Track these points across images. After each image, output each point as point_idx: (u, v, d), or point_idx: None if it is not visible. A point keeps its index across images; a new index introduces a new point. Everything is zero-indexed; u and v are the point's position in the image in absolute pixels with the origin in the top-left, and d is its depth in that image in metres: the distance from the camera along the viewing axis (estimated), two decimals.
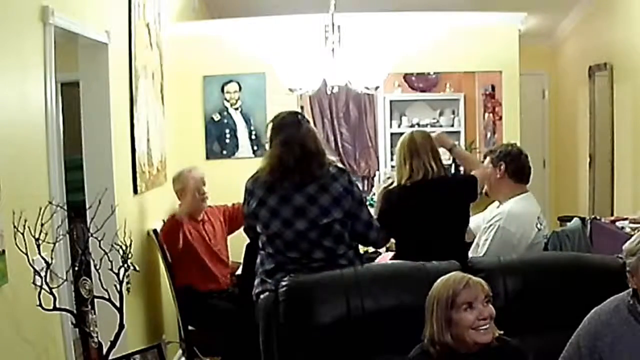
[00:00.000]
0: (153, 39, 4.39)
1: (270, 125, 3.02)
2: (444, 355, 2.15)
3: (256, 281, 2.95)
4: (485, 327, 2.13)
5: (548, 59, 7.65)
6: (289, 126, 2.92)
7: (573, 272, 2.69)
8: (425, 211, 3.25)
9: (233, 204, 4.45)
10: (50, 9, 2.75)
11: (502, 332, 2.20)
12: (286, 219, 2.85)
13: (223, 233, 4.38)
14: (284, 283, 2.60)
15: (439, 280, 2.24)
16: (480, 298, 2.14)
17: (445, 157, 3.87)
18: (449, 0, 5.80)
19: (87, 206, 3.08)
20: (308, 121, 3.05)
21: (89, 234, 2.79)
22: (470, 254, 3.39)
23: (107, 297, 2.75)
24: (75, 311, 2.77)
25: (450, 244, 3.20)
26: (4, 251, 2.32)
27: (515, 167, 3.53)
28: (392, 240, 3.53)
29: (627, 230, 4.24)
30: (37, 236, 2.42)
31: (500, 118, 5.96)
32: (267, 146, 3.04)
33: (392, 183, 3.42)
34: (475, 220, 3.63)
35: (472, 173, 3.49)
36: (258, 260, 2.98)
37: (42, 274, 2.44)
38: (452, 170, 5.35)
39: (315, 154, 2.91)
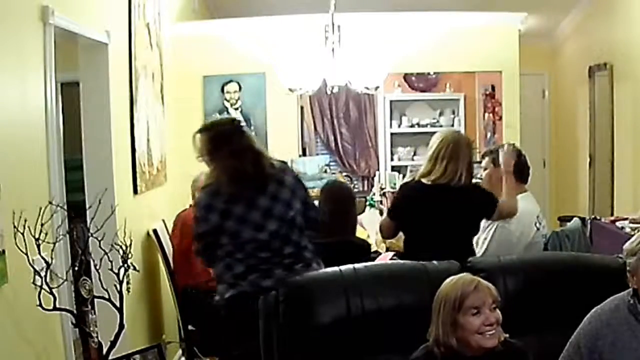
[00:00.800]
0: (153, 39, 4.39)
1: (205, 136, 2.91)
2: (449, 357, 2.14)
3: (222, 286, 2.88)
4: (491, 332, 2.12)
5: (548, 59, 7.65)
6: (233, 134, 2.89)
7: (573, 272, 2.69)
8: (439, 214, 3.22)
9: None
10: (50, 9, 2.75)
11: (507, 335, 2.19)
12: (257, 224, 2.84)
13: None
14: (284, 283, 2.60)
15: (447, 280, 2.22)
16: (487, 303, 2.12)
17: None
18: (449, 0, 5.81)
19: (87, 206, 3.09)
20: (243, 124, 3.04)
21: (89, 234, 2.79)
22: None
23: (107, 297, 2.76)
24: (75, 311, 2.77)
25: (458, 247, 3.17)
26: (4, 251, 2.32)
27: (516, 166, 3.52)
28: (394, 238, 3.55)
29: (627, 230, 4.24)
30: (37, 236, 2.42)
31: (500, 118, 5.97)
32: (204, 158, 2.91)
33: (413, 179, 3.40)
34: None
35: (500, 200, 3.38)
36: (220, 268, 2.89)
37: (42, 274, 2.44)
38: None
39: (263, 155, 2.93)
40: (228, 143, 2.85)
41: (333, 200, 3.65)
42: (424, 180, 3.27)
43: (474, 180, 3.47)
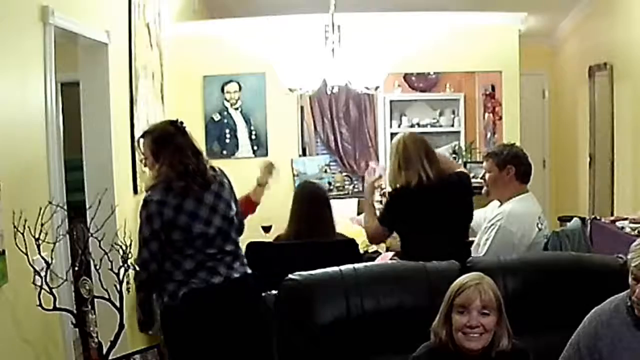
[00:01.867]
0: (153, 39, 4.39)
1: (148, 138, 2.99)
2: (443, 349, 2.16)
3: (172, 285, 2.86)
4: (473, 334, 2.12)
5: (548, 59, 7.65)
6: (176, 134, 2.96)
7: (573, 272, 2.69)
8: (429, 214, 3.26)
9: None
10: (50, 9, 2.76)
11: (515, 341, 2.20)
12: (206, 219, 2.90)
13: None
14: (283, 283, 2.60)
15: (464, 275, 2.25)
16: (475, 305, 2.12)
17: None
18: (449, 0, 5.81)
19: (87, 206, 3.09)
20: (185, 125, 3.09)
21: (89, 234, 2.79)
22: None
23: (107, 297, 2.76)
24: (75, 311, 2.77)
25: (453, 244, 3.20)
26: (4, 251, 2.32)
27: (523, 169, 3.52)
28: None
29: (627, 230, 4.23)
30: (37, 236, 2.42)
31: (500, 118, 5.97)
32: (148, 160, 2.99)
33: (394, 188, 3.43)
34: (476, 219, 3.62)
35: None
36: (168, 266, 2.87)
37: (42, 274, 2.45)
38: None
39: (203, 155, 3.02)
40: (172, 141, 2.92)
41: (307, 200, 3.75)
42: (406, 186, 3.30)
43: (474, 181, 3.49)
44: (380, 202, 5.46)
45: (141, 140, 3.03)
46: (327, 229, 3.73)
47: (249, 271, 3.05)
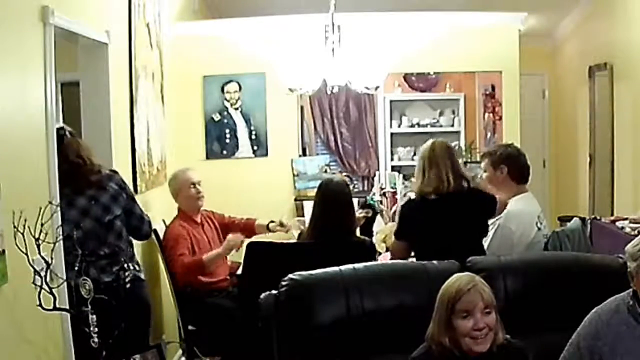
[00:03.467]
0: (153, 39, 4.39)
1: None
2: (446, 355, 2.15)
3: None
4: (481, 337, 2.12)
5: (548, 59, 7.65)
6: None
7: (573, 272, 2.69)
8: (445, 224, 3.23)
9: (229, 216, 4.50)
10: (50, 9, 2.75)
11: (508, 336, 2.19)
12: (75, 221, 2.99)
13: (219, 236, 4.37)
14: (283, 283, 2.60)
15: (450, 279, 2.22)
16: (479, 307, 2.12)
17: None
18: (449, 0, 5.80)
19: None
20: (73, 134, 3.17)
21: None
22: None
23: (107, 297, 2.75)
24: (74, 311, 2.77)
25: (471, 253, 3.17)
26: (4, 251, 2.32)
27: (517, 168, 3.52)
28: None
29: (627, 230, 4.24)
30: (37, 236, 2.42)
31: (500, 118, 5.97)
32: None
33: (409, 192, 3.42)
34: None
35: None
36: None
37: (42, 273, 2.44)
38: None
39: (85, 162, 3.12)
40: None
41: (326, 199, 3.66)
42: (422, 195, 3.29)
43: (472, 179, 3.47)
44: (381, 202, 5.47)
45: None
46: (347, 230, 3.69)
47: (140, 276, 3.24)
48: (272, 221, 4.43)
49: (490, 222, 3.43)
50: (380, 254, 4.06)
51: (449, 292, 2.16)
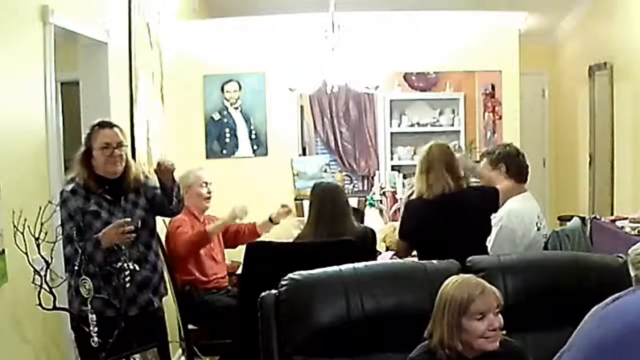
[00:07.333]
0: (153, 39, 4.39)
1: None
2: (453, 359, 2.14)
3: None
4: (495, 335, 2.12)
5: (548, 59, 7.65)
6: None
7: (573, 272, 2.68)
8: (448, 226, 3.24)
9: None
10: (50, 8, 2.76)
11: (504, 332, 2.19)
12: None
13: (219, 242, 4.36)
14: (283, 282, 2.60)
15: (451, 280, 2.19)
16: (493, 308, 2.11)
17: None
18: (449, 0, 5.80)
19: None
20: None
21: None
22: None
23: (107, 297, 2.75)
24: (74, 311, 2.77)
25: (474, 252, 3.17)
26: (4, 251, 2.32)
27: (515, 168, 3.52)
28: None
29: (627, 230, 4.23)
30: (37, 236, 2.42)
31: (500, 118, 5.97)
32: None
33: (412, 192, 3.44)
34: None
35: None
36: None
37: (42, 273, 2.44)
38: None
39: None
40: None
41: (321, 200, 3.72)
42: (424, 196, 3.30)
43: (473, 180, 3.47)
44: (380, 201, 5.48)
45: None
46: (344, 230, 3.70)
47: None
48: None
49: (491, 222, 3.43)
50: (380, 253, 4.06)
51: (460, 294, 2.13)
